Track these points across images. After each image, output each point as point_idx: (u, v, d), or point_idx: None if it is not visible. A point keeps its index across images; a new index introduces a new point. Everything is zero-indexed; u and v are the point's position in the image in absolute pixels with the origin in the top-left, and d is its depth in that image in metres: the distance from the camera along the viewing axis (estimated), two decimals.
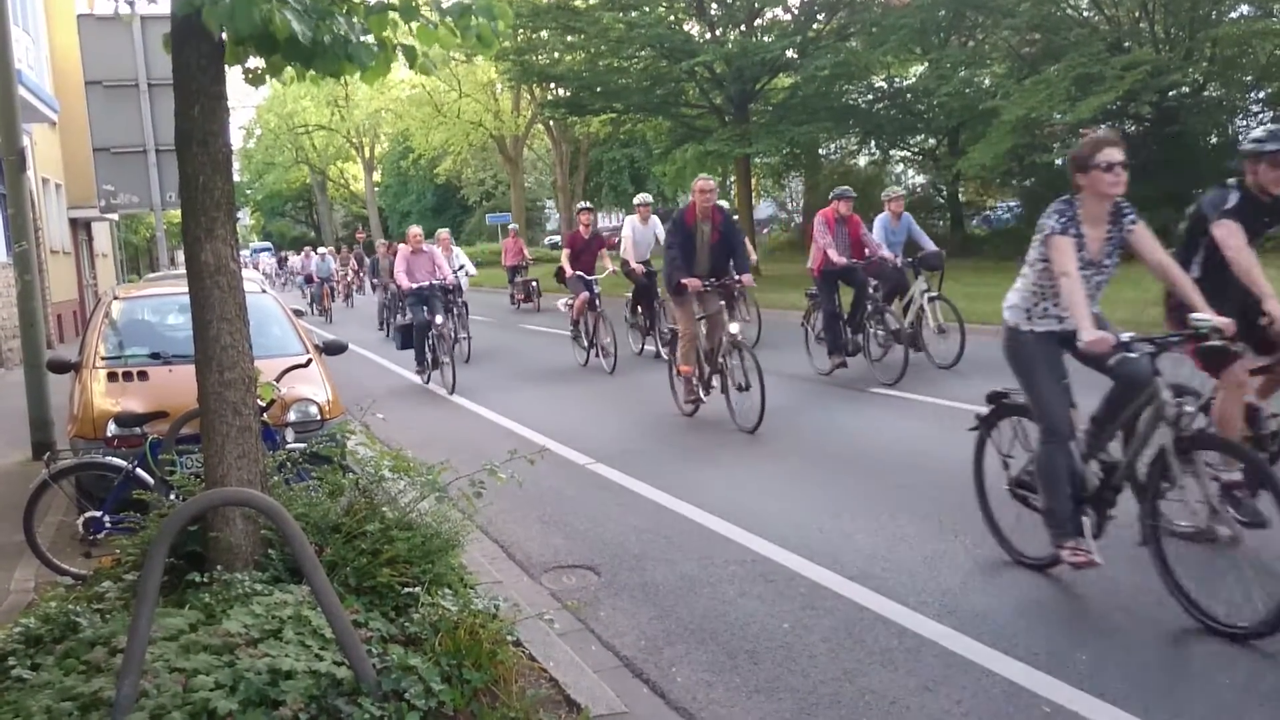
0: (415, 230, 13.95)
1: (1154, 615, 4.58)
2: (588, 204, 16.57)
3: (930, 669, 4.23)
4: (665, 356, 11.48)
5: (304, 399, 7.03)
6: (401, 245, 14.49)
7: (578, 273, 14.01)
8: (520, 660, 4.20)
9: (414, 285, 13.11)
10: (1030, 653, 4.29)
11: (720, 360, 9.23)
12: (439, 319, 12.74)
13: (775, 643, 4.59)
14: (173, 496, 4.99)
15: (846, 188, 11.69)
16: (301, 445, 5.87)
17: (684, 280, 9.11)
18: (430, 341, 12.89)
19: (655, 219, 14.41)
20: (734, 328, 9.00)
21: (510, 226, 27.85)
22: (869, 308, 11.11)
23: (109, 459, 6.03)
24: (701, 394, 9.52)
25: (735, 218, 10.97)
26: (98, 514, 5.83)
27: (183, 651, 3.49)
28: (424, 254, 13.59)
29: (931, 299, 11.29)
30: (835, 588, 5.18)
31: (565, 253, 14.67)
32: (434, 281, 13.20)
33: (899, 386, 10.20)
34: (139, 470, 5.77)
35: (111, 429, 6.56)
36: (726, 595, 5.21)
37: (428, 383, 13.04)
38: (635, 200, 14.84)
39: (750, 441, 8.51)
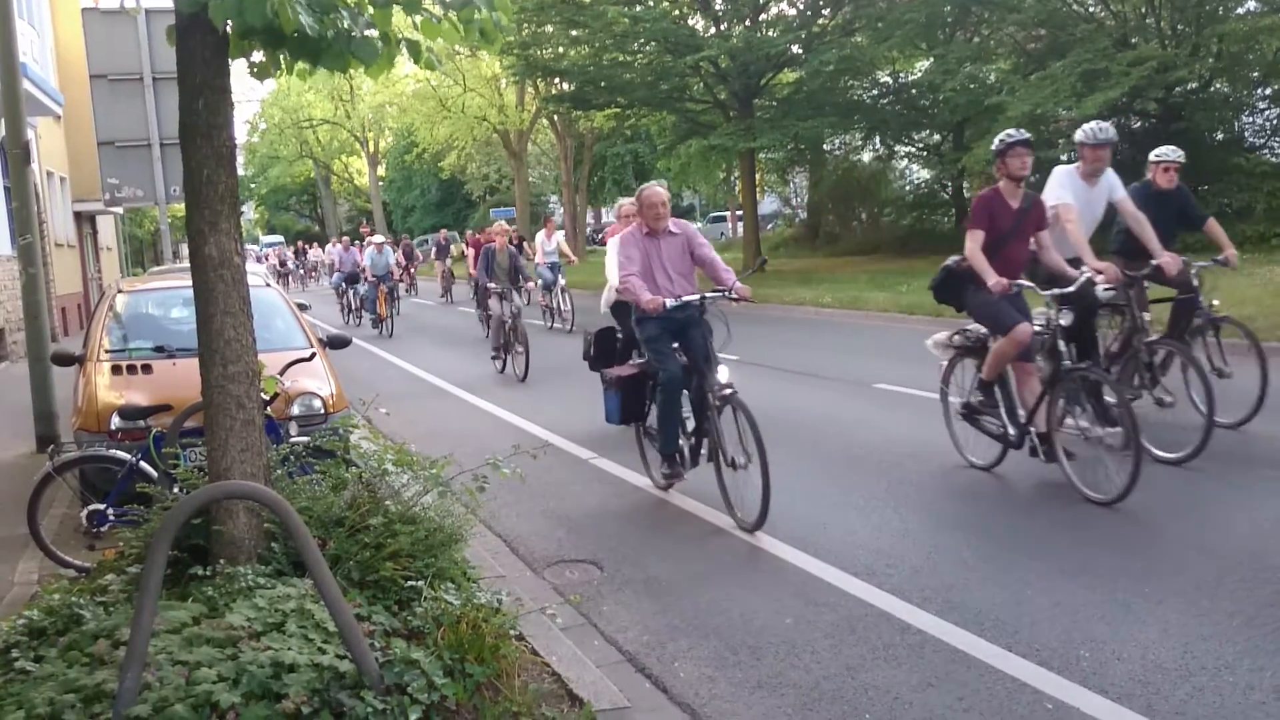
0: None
1: (1157, 612, 4.58)
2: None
3: (932, 665, 4.23)
4: None
5: (308, 393, 7.03)
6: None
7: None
8: (523, 654, 4.21)
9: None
10: (1033, 649, 4.29)
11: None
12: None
13: (778, 638, 4.59)
14: (176, 490, 4.99)
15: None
16: (305, 439, 5.87)
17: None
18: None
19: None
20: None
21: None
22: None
23: (113, 452, 6.04)
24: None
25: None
26: (101, 507, 5.84)
27: (185, 644, 3.50)
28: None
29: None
30: (838, 583, 5.18)
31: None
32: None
33: (898, 382, 10.16)
34: (143, 463, 5.78)
35: (115, 422, 6.58)
36: (729, 590, 5.21)
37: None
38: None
39: None
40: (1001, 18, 24.17)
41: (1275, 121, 23.57)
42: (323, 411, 7.00)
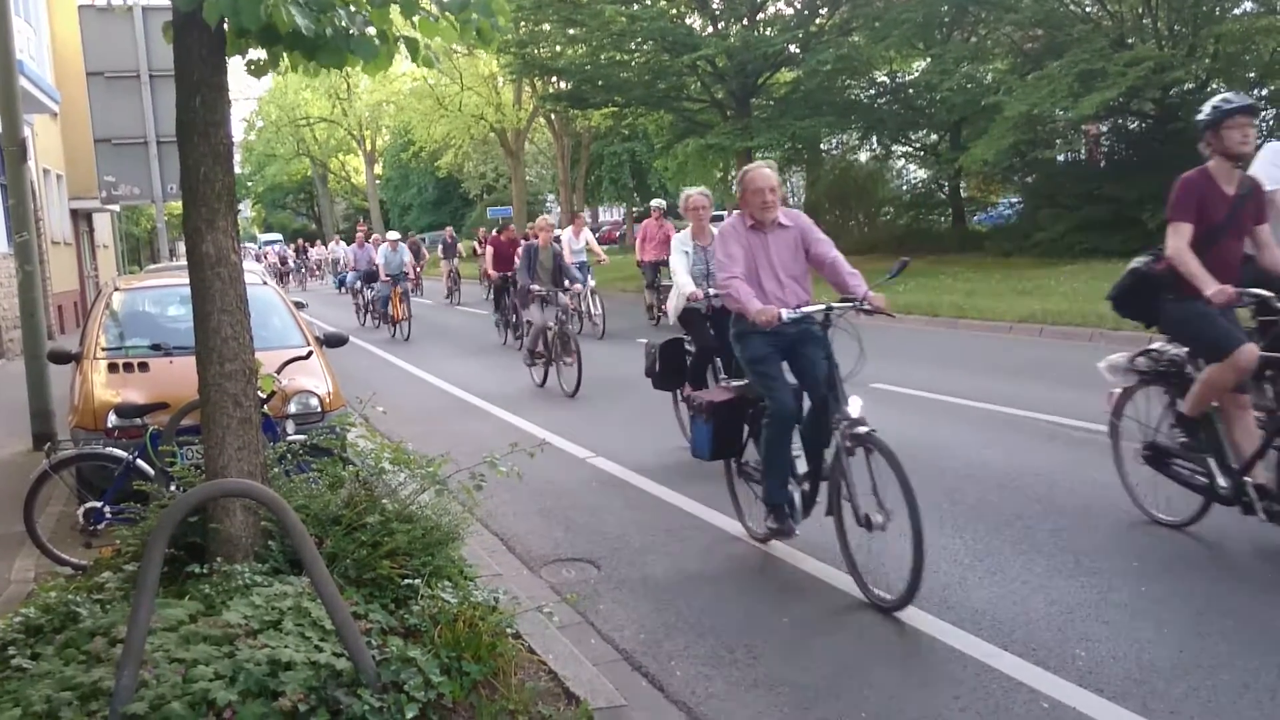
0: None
1: (1153, 612, 4.59)
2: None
3: (929, 664, 4.24)
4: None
5: (305, 391, 7.03)
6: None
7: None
8: (520, 653, 4.21)
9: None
10: (1029, 648, 4.29)
11: None
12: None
13: (775, 637, 4.59)
14: (173, 487, 4.99)
15: None
16: (302, 437, 5.87)
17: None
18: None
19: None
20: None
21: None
22: None
23: (109, 450, 6.04)
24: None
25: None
26: (98, 504, 5.84)
27: (182, 642, 3.49)
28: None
29: None
30: (835, 582, 5.18)
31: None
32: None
33: (895, 382, 10.18)
34: (139, 461, 5.77)
35: (112, 420, 6.57)
36: (726, 589, 5.21)
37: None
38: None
39: None
40: (999, 18, 24.21)
41: (1271, 123, 23.58)
42: (320, 410, 7.00)
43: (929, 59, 26.86)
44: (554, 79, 33.06)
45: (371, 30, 4.20)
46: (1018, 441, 7.81)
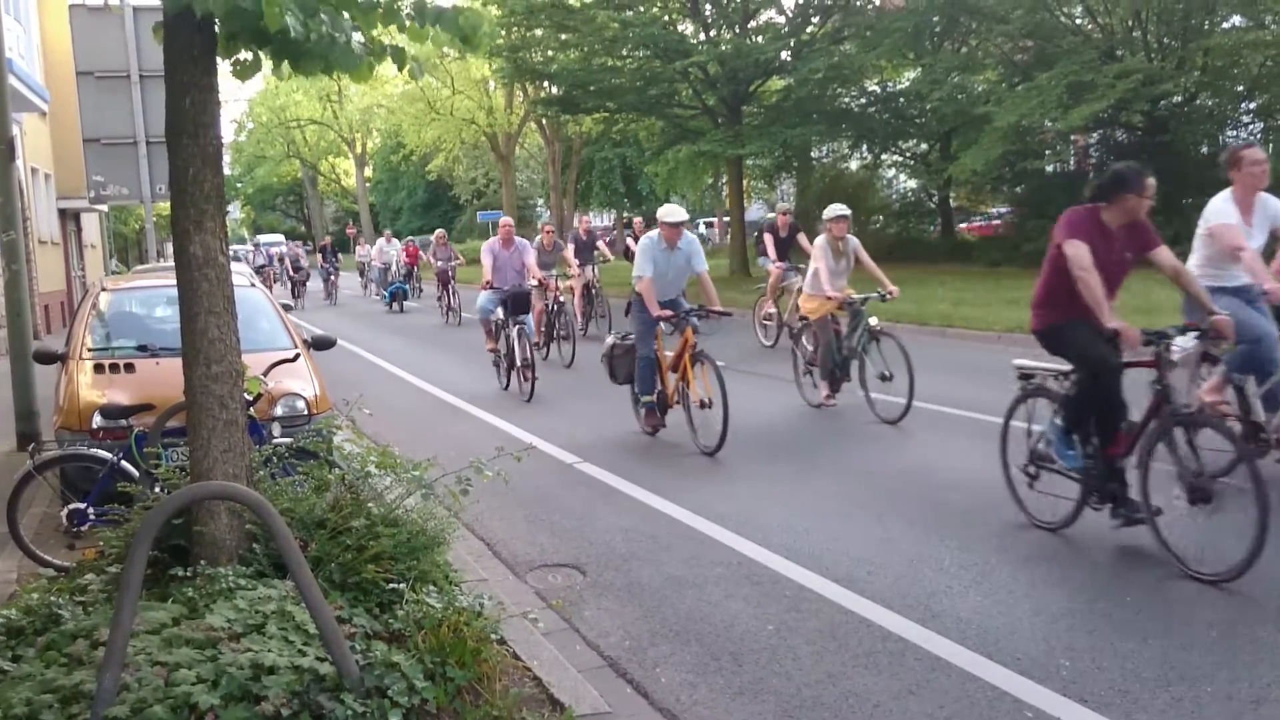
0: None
1: (1137, 623, 4.61)
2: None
3: (914, 673, 4.24)
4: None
5: (291, 393, 7.01)
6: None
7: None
8: (504, 659, 4.20)
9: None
10: (1013, 658, 4.30)
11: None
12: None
13: (759, 644, 4.59)
14: (157, 489, 4.96)
15: None
16: (288, 440, 5.86)
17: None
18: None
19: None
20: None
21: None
22: None
23: (94, 451, 6.01)
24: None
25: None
26: (82, 506, 5.81)
27: (165, 645, 3.48)
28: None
29: None
30: (820, 590, 5.19)
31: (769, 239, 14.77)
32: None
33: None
34: (124, 463, 5.75)
35: (97, 421, 6.54)
36: (712, 596, 5.21)
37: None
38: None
39: (738, 445, 8.49)
40: (989, 29, 24.31)
41: (1259, 135, 23.73)
42: (306, 412, 6.98)
43: (920, 69, 26.94)
44: (545, 84, 33.05)
45: (359, 38, 4.20)
46: None
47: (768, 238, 14.72)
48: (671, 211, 8.95)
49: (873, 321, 9.40)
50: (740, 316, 13.47)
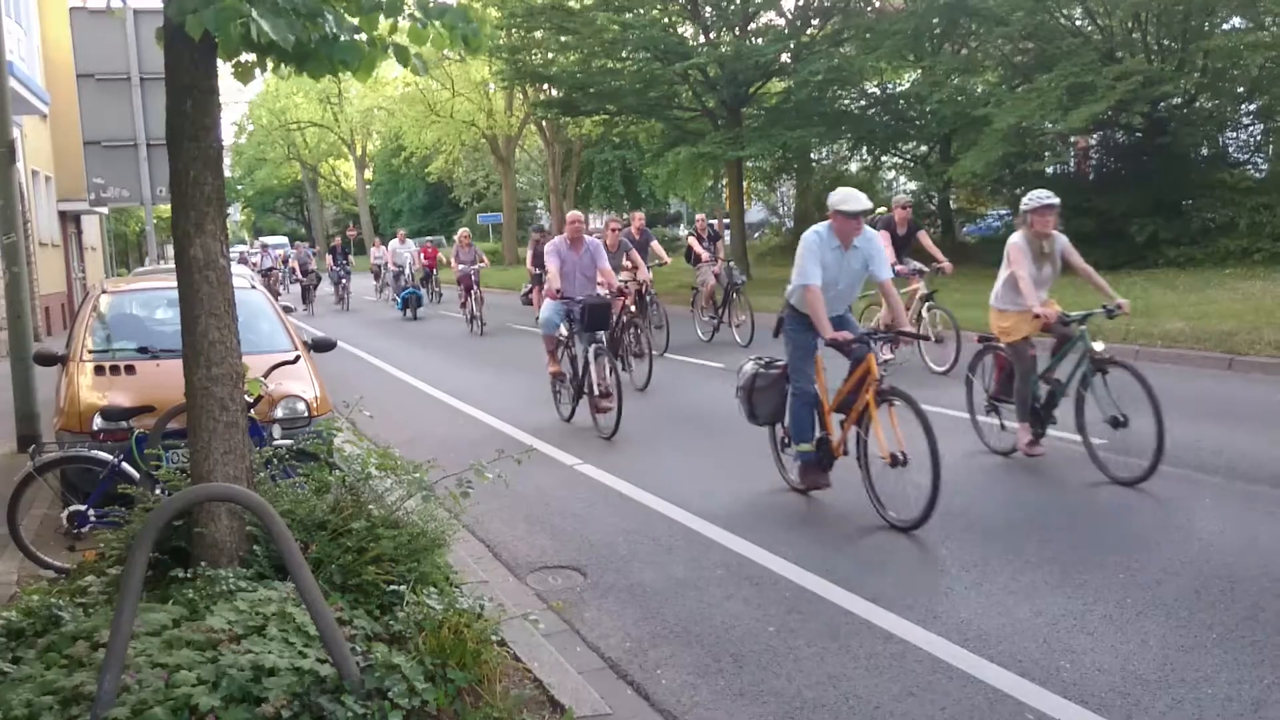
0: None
1: (1137, 624, 4.61)
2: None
3: (915, 674, 4.24)
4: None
5: (291, 395, 7.01)
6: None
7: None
8: (505, 660, 4.20)
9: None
10: (1014, 659, 4.30)
11: None
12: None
13: (760, 646, 4.59)
14: (158, 491, 4.97)
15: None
16: (288, 442, 5.86)
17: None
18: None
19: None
20: None
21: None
22: None
23: (94, 453, 6.01)
24: None
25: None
26: (82, 508, 5.81)
27: (165, 647, 3.48)
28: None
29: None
30: (821, 592, 5.19)
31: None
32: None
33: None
34: (124, 464, 5.75)
35: (98, 423, 6.54)
36: (712, 598, 5.21)
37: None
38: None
39: (740, 446, 8.48)
40: (989, 30, 24.29)
41: (1259, 137, 23.73)
42: (306, 414, 6.98)
43: (920, 71, 26.93)
44: (545, 86, 33.05)
45: (360, 35, 4.20)
46: None
47: (884, 236, 12.17)
48: (849, 197, 6.60)
49: (1097, 346, 7.14)
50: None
